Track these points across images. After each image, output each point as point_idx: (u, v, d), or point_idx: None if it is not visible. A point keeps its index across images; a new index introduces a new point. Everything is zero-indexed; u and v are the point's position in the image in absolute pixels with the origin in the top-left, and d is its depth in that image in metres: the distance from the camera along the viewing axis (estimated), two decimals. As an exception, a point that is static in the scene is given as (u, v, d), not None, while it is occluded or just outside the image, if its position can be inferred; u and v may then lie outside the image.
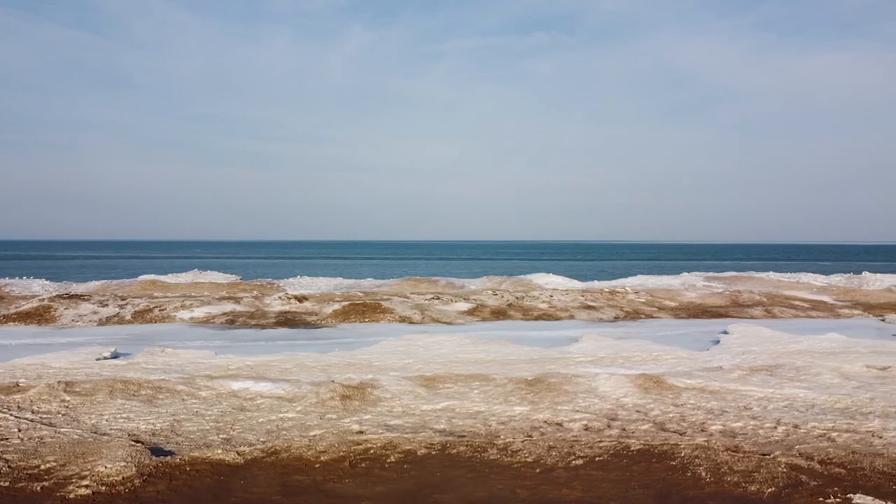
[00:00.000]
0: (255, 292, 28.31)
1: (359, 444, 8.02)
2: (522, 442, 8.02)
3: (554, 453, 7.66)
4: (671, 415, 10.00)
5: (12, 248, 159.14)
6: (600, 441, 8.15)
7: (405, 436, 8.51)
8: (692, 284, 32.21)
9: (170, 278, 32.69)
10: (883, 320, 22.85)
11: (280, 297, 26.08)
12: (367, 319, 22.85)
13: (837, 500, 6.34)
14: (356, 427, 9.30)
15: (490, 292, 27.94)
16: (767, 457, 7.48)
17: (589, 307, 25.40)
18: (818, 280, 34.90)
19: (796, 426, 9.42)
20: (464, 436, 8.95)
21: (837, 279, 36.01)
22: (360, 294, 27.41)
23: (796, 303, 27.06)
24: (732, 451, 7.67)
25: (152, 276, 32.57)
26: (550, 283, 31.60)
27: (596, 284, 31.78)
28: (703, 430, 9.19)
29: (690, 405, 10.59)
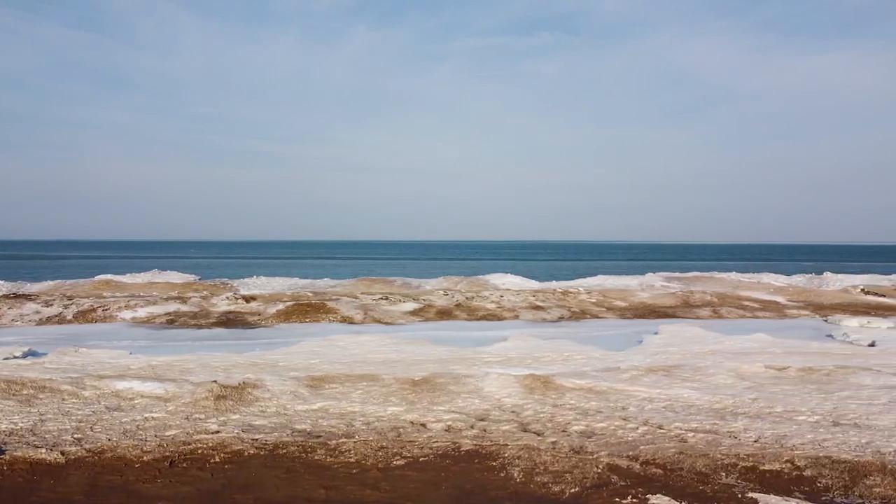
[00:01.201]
0: (205, 292, 28.19)
1: (188, 444, 7.93)
2: (355, 443, 7.93)
3: (381, 454, 7.57)
4: (542, 415, 9.91)
5: (9, 249, 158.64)
6: (436, 441, 8.07)
7: (249, 436, 8.43)
8: (650, 285, 32.14)
9: (127, 278, 32.56)
10: (826, 321, 22.78)
11: (228, 298, 25.97)
12: (307, 319, 22.75)
13: (635, 500, 6.26)
14: (215, 427, 9.20)
15: (441, 292, 27.85)
16: (589, 457, 7.41)
17: (537, 307, 25.31)
18: (778, 280, 34.84)
19: (660, 426, 9.35)
20: (319, 436, 8.85)
21: (798, 279, 35.95)
22: (310, 294, 27.31)
23: (747, 303, 27.00)
24: (554, 452, 7.59)
25: (108, 276, 32.44)
26: (506, 283, 31.51)
27: (553, 285, 31.69)
28: (563, 431, 9.10)
29: (568, 406, 10.51)
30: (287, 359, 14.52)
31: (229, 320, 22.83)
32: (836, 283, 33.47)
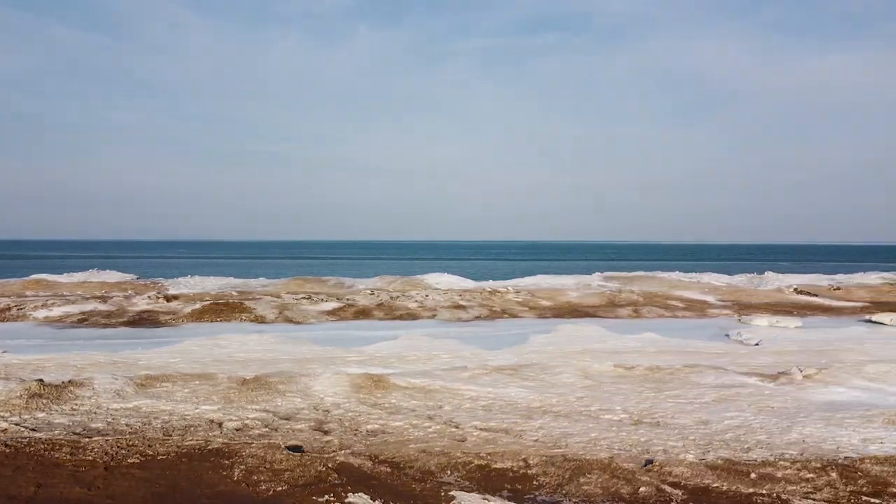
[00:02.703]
0: (130, 292, 28.05)
1: (-64, 443, 7.83)
2: (106, 442, 7.84)
3: (122, 453, 7.48)
4: (349, 414, 9.84)
5: (11, 249, 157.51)
6: (190, 440, 7.99)
7: (21, 435, 8.34)
8: (586, 284, 32.13)
9: (63, 278, 32.40)
10: (739, 320, 22.79)
11: (150, 297, 25.84)
12: (218, 319, 22.65)
13: (332, 498, 6.20)
14: (4, 425, 9.13)
15: (368, 292, 27.79)
16: (325, 456, 7.34)
17: (459, 307, 25.26)
18: (720, 280, 34.87)
19: (458, 426, 9.28)
20: (107, 435, 8.77)
21: (739, 279, 35.98)
22: (234, 294, 27.21)
23: (672, 303, 27.00)
24: (291, 452, 7.53)
25: (42, 276, 32.26)
26: (440, 283, 31.46)
27: (487, 284, 31.64)
28: (352, 430, 9.03)
29: (384, 405, 10.45)
30: (151, 357, 14.43)
31: (141, 319, 22.70)
32: (773, 283, 33.52)
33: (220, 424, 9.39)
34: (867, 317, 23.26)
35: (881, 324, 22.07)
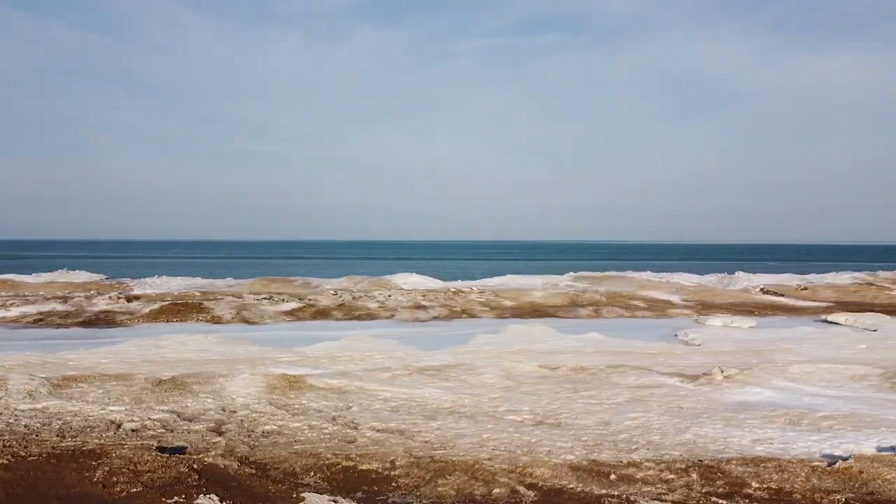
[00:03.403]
0: (93, 292, 28.01)
1: None
2: (-16, 442, 7.83)
3: (-6, 454, 7.47)
4: (252, 416, 9.82)
5: (12, 249, 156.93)
6: (66, 442, 7.98)
7: None
8: (554, 284, 32.17)
9: (30, 278, 32.36)
10: (696, 320, 22.83)
11: (111, 297, 25.81)
12: (175, 319, 22.63)
13: (181, 499, 6.20)
14: None
15: (331, 292, 27.79)
16: (190, 458, 7.33)
17: (420, 307, 25.27)
18: (689, 280, 34.92)
19: (357, 427, 9.27)
20: (2, 435, 8.76)
21: (709, 279, 36.05)
22: (197, 294, 27.19)
23: (635, 303, 27.04)
24: (171, 453, 7.52)
25: (8, 276, 32.21)
26: (407, 283, 31.45)
27: (456, 284, 31.67)
28: (248, 432, 9.03)
29: (293, 406, 10.44)
30: (84, 358, 14.40)
31: (98, 320, 22.69)
32: (742, 283, 33.59)
33: (119, 425, 9.37)
34: (824, 317, 23.32)
35: (836, 323, 22.14)
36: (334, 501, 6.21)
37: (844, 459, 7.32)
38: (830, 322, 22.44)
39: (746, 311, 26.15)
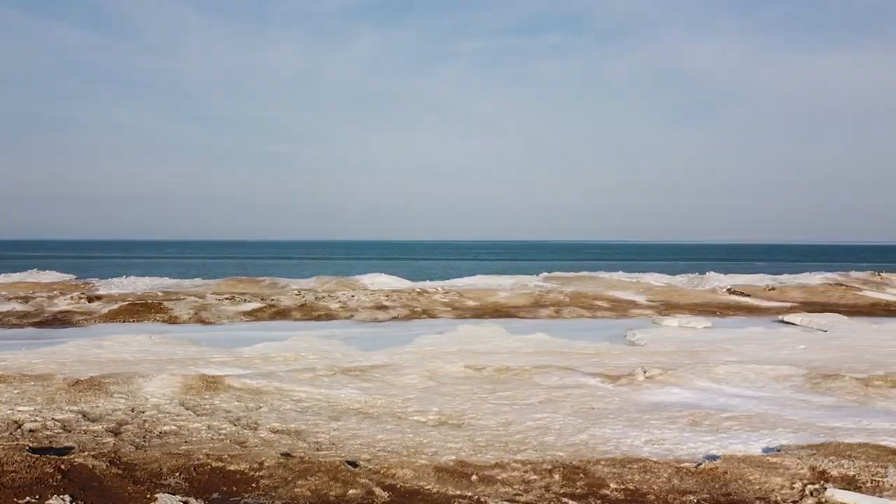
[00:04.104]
0: (56, 292, 27.96)
1: None
2: None
3: None
4: (157, 416, 9.78)
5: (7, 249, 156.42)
6: (-52, 442, 7.97)
7: None
8: (523, 284, 32.19)
9: (0, 278, 32.29)
10: (653, 321, 22.86)
11: (72, 298, 25.77)
12: (132, 319, 22.60)
13: (32, 499, 6.19)
14: None
15: (295, 293, 27.78)
16: (61, 458, 7.32)
17: (381, 307, 25.27)
18: (660, 280, 34.95)
19: (256, 427, 9.27)
20: None
21: (680, 279, 36.11)
22: (160, 294, 27.16)
23: (599, 303, 27.07)
24: (31, 455, 7.51)
25: (-25, 276, 32.16)
26: (375, 283, 31.45)
27: (422, 284, 31.66)
28: (147, 432, 9.02)
29: (203, 406, 10.42)
30: (18, 359, 14.35)
31: (54, 320, 22.66)
32: (711, 283, 33.63)
33: (20, 426, 9.36)
34: (781, 317, 23.37)
35: (791, 323, 22.19)
36: (185, 502, 6.21)
37: (714, 460, 7.35)
38: (786, 322, 22.49)
39: (708, 311, 26.20)
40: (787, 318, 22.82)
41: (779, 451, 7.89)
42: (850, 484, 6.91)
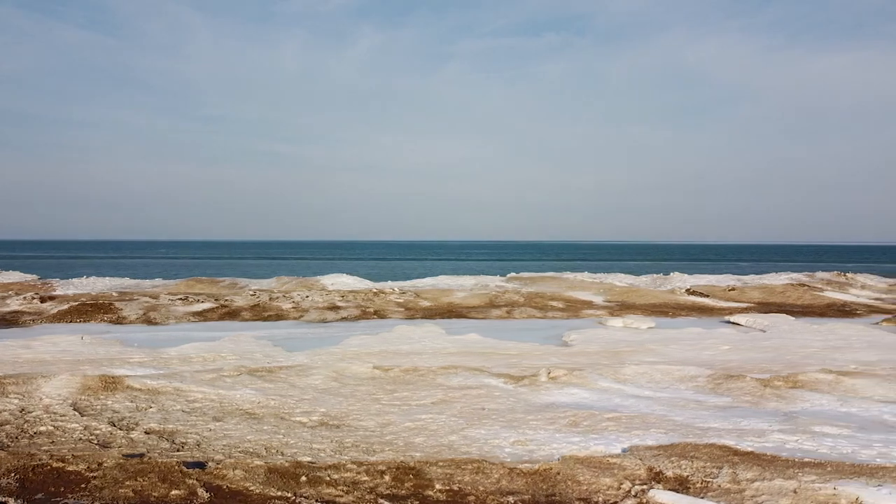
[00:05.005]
0: (10, 292, 27.94)
1: None
2: None
3: None
4: (46, 416, 9.84)
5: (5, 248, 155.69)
6: None
7: None
8: (484, 285, 32.24)
9: (-41, 278, 32.22)
10: (598, 321, 22.93)
11: (25, 298, 25.75)
12: (79, 320, 22.60)
13: None
14: None
15: (250, 293, 27.79)
16: None
17: (334, 307, 25.30)
18: (624, 280, 35.02)
19: (132, 429, 9.31)
20: None
21: (643, 279, 36.19)
22: (114, 294, 27.14)
23: (553, 303, 27.13)
24: None
25: (-65, 276, 32.11)
26: (336, 284, 31.47)
27: (382, 285, 31.70)
28: (21, 433, 9.04)
29: (97, 407, 10.43)
30: (-65, 359, 14.38)
31: (3, 320, 22.62)
32: (673, 284, 33.72)
33: None
34: (727, 317, 23.47)
35: (736, 324, 22.29)
36: (3, 502, 6.24)
37: (557, 461, 7.40)
38: (731, 322, 22.59)
39: (661, 312, 26.28)
40: (732, 318, 22.92)
41: (629, 451, 7.95)
42: (681, 484, 6.98)
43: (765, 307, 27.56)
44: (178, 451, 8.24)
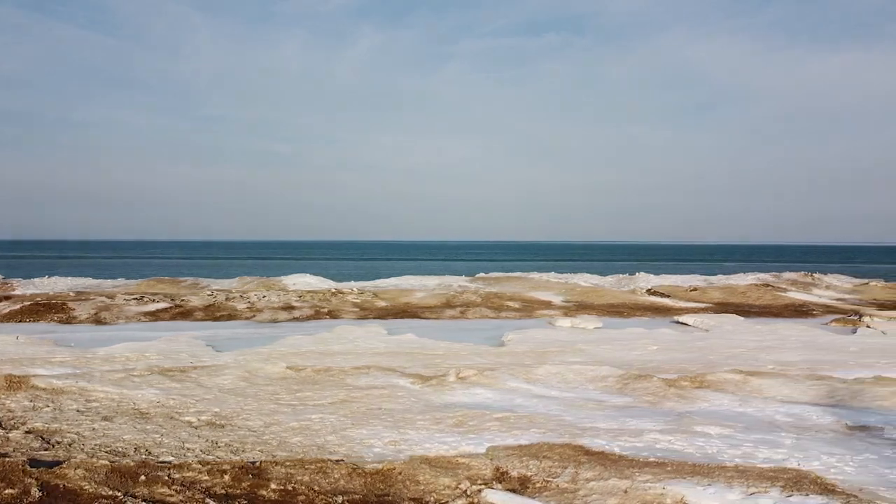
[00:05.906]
0: (-34, 292, 28.00)
1: None
2: None
3: None
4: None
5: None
6: None
7: None
8: (447, 286, 32.29)
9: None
10: (548, 322, 22.99)
11: (-20, 297, 25.74)
12: (29, 319, 22.62)
13: None
14: None
15: (208, 293, 27.82)
16: None
17: (288, 307, 25.35)
18: (588, 280, 35.14)
19: (12, 429, 9.36)
20: None
21: (609, 279, 36.31)
22: (71, 294, 27.14)
23: (510, 303, 27.21)
24: None
25: None
26: (297, 284, 31.51)
27: (343, 284, 31.77)
28: None
29: (-12, 406, 10.49)
30: None
31: (-52, 321, 22.64)
32: (637, 284, 33.82)
33: None
34: (676, 318, 23.56)
35: (684, 324, 22.38)
36: None
37: (403, 461, 7.45)
38: (680, 322, 22.68)
39: (617, 312, 26.38)
40: (681, 318, 23.02)
41: (487, 452, 8.01)
42: (522, 484, 7.05)
43: (722, 307, 27.67)
44: (45, 450, 8.27)
